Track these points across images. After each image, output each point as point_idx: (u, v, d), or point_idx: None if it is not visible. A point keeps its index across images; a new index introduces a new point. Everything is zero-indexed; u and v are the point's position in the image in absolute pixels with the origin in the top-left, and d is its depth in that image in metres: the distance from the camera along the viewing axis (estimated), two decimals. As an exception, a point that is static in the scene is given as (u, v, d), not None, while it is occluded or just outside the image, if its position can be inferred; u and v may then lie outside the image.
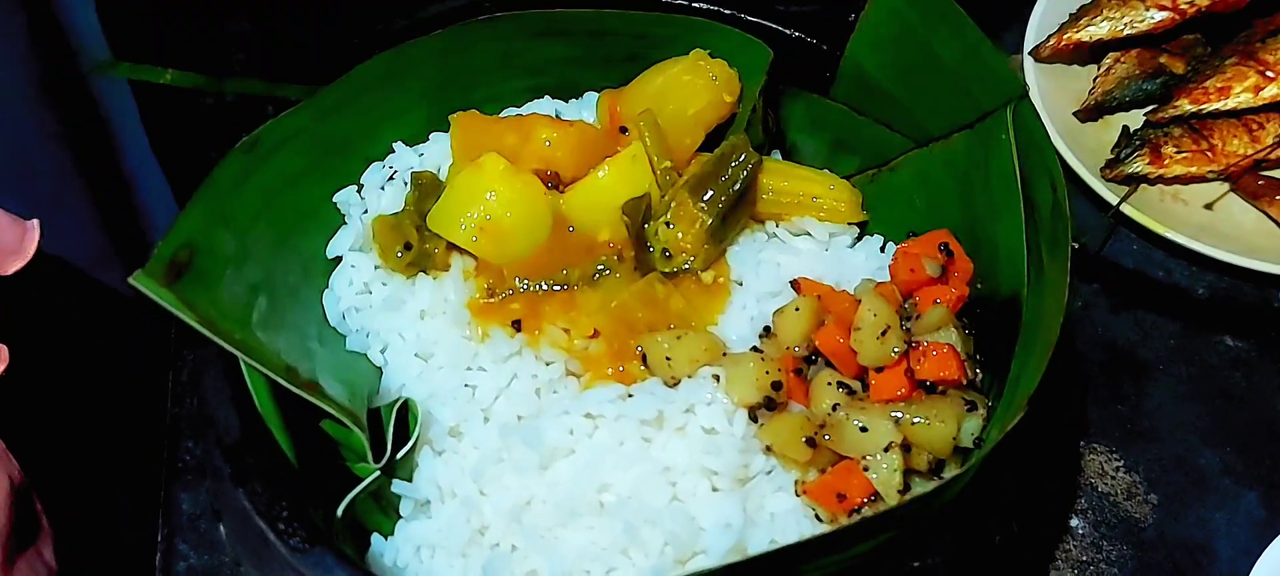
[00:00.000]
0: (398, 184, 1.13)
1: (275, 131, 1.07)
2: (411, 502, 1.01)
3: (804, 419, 0.99)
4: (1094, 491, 1.15)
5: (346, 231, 1.12)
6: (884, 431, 0.96)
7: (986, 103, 1.03)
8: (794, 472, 0.99)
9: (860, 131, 1.15)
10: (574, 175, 1.10)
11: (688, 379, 1.02)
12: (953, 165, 1.08)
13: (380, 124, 1.15)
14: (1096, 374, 1.22)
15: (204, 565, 1.13)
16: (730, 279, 1.10)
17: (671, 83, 1.13)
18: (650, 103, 1.12)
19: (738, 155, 1.09)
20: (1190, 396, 1.21)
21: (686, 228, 1.08)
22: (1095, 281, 1.28)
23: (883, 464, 0.95)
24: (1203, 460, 1.17)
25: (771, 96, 1.17)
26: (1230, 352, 1.23)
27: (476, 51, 1.15)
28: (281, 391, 0.98)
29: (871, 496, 0.96)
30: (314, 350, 1.05)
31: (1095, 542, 1.13)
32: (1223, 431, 1.18)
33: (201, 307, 0.96)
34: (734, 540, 0.95)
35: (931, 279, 1.04)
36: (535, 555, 0.97)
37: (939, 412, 0.97)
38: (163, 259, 0.96)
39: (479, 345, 1.05)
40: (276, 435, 0.97)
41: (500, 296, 1.07)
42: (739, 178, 1.09)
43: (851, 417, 0.97)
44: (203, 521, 1.14)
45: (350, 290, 1.10)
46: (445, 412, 1.03)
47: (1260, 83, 1.30)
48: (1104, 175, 1.31)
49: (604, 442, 0.99)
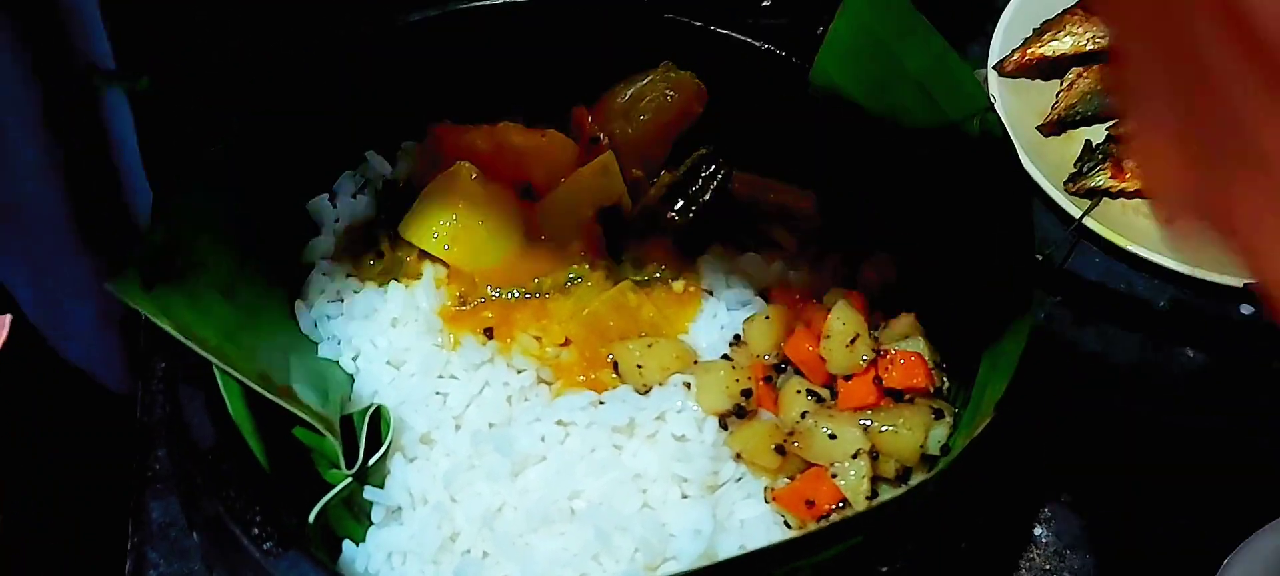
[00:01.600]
0: (370, 192, 1.14)
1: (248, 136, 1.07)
2: (383, 509, 1.01)
3: (773, 426, 1.01)
4: (1056, 500, 1.17)
5: (319, 239, 1.13)
6: (852, 439, 0.97)
7: (953, 114, 1.04)
8: (764, 479, 1.01)
9: (829, 143, 1.17)
10: (546, 184, 1.11)
11: (659, 386, 1.03)
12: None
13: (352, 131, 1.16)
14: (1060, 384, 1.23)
15: (175, 573, 1.13)
16: (701, 288, 1.11)
17: (641, 94, 1.14)
18: (621, 113, 1.13)
19: (708, 165, 1.11)
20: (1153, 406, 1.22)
21: (657, 237, 1.09)
22: (1058, 294, 1.29)
23: (851, 470, 0.97)
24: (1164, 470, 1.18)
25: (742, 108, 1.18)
26: (1192, 363, 1.25)
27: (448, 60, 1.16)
28: (253, 398, 0.98)
29: (840, 503, 0.97)
30: (287, 357, 1.05)
31: (1058, 551, 1.14)
32: (1184, 442, 1.20)
33: (177, 314, 0.96)
34: (704, 546, 0.96)
35: (899, 289, 1.06)
36: (507, 561, 0.97)
37: (907, 420, 0.98)
38: (139, 265, 0.96)
39: (450, 353, 1.06)
40: (249, 441, 0.97)
41: (472, 304, 1.08)
42: (709, 188, 1.10)
43: (820, 425, 0.98)
44: (173, 530, 1.14)
45: (322, 298, 1.10)
46: (417, 420, 1.03)
47: (1220, 98, 1.32)
48: (1067, 189, 1.33)
49: (575, 449, 1.00)
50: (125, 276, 0.94)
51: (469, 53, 1.17)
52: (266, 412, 0.99)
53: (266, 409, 0.99)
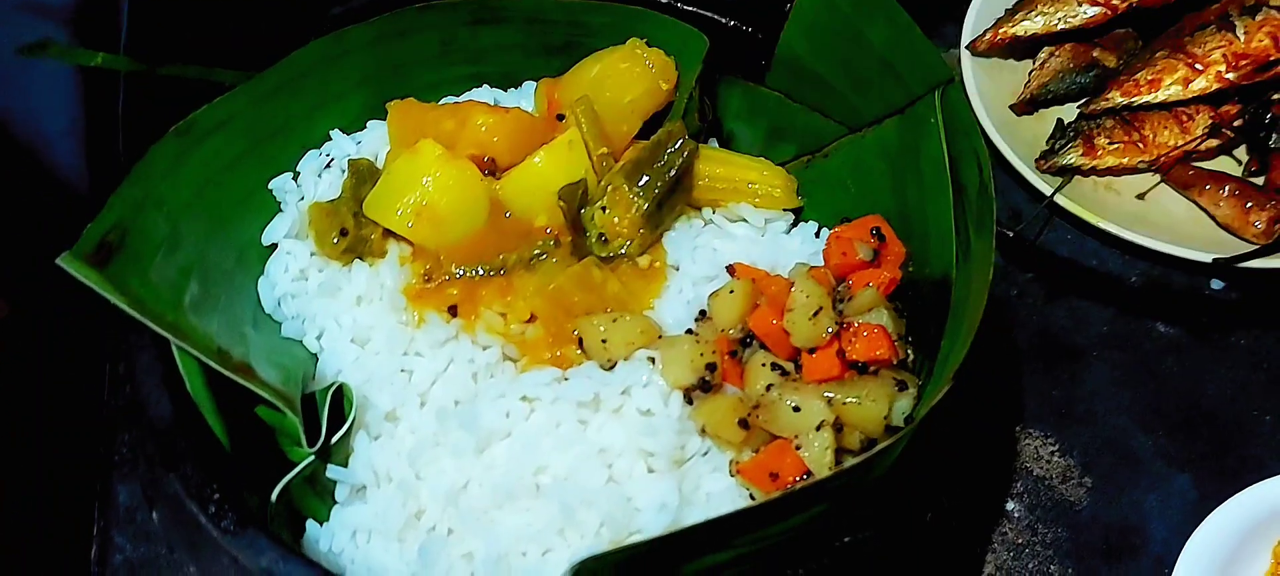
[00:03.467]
0: (335, 170, 1.14)
1: (210, 116, 1.07)
2: (347, 488, 1.01)
3: (737, 400, 1.00)
4: (1029, 475, 1.17)
5: (283, 218, 1.12)
6: (816, 411, 0.97)
7: (916, 87, 1.04)
8: (729, 453, 1.00)
9: (795, 118, 1.16)
10: (510, 161, 1.11)
11: (624, 362, 1.03)
12: (885, 150, 1.09)
13: (317, 110, 1.16)
14: (1031, 360, 1.24)
15: (140, 556, 1.12)
16: (667, 263, 1.10)
17: (608, 70, 1.14)
18: (587, 90, 1.13)
19: (674, 142, 1.10)
20: (1123, 381, 1.22)
21: (622, 213, 1.08)
22: (1030, 270, 1.29)
23: (815, 442, 0.96)
24: (1135, 443, 1.18)
25: (708, 84, 1.18)
26: (1162, 338, 1.25)
27: (413, 38, 1.16)
28: (215, 377, 0.98)
29: (804, 475, 0.96)
30: (248, 335, 1.05)
31: (1031, 525, 1.14)
32: (1155, 415, 1.20)
33: (131, 290, 0.96)
34: (670, 520, 0.96)
35: (864, 262, 1.05)
36: (471, 537, 0.97)
37: (870, 392, 0.98)
38: (91, 240, 0.95)
39: (415, 330, 1.06)
40: (209, 419, 0.96)
41: (436, 282, 1.07)
42: (675, 164, 1.10)
43: (784, 398, 0.98)
44: (139, 513, 1.13)
45: (286, 276, 1.10)
46: (381, 397, 1.03)
47: (1189, 75, 1.33)
48: (1039, 166, 1.32)
49: (540, 425, 1.00)
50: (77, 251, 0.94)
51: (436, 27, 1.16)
52: (230, 392, 0.99)
53: (230, 388, 0.98)
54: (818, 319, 1.00)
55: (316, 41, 1.12)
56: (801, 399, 0.97)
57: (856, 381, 0.99)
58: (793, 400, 0.97)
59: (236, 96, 1.09)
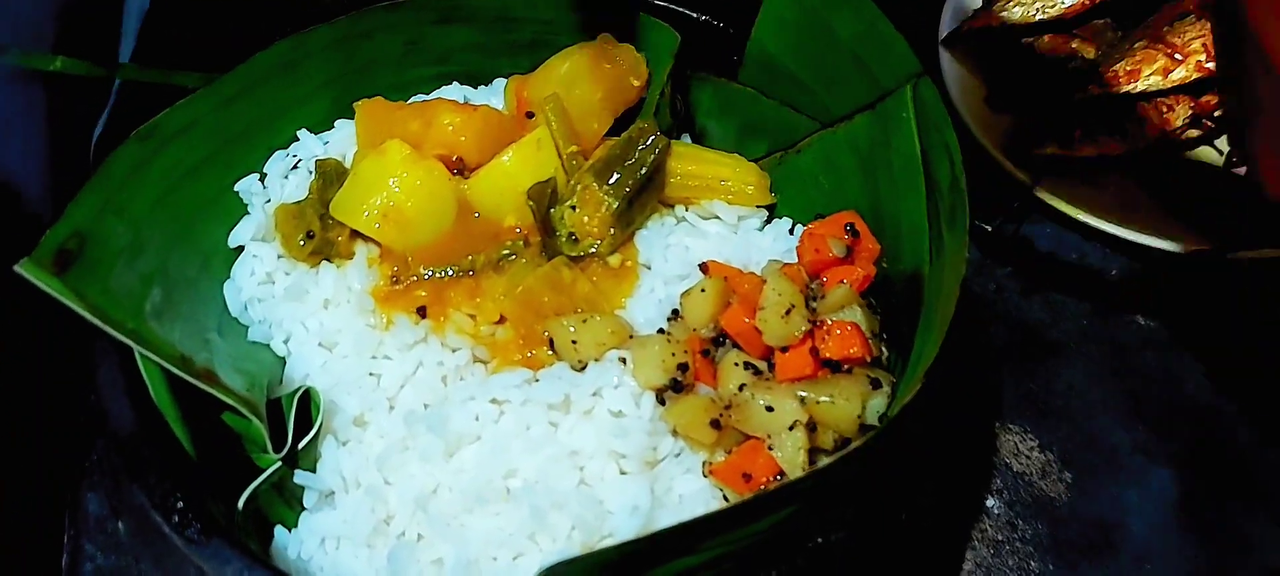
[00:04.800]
0: (302, 172, 1.12)
1: (173, 120, 1.06)
2: (315, 493, 1.00)
3: (709, 401, 0.99)
4: (1009, 470, 1.16)
5: (248, 221, 1.11)
6: (789, 410, 0.96)
7: (886, 81, 1.03)
8: (702, 454, 0.99)
9: (767, 114, 1.15)
10: (479, 161, 1.09)
11: (595, 362, 1.01)
12: (856, 146, 1.08)
13: (283, 112, 1.14)
14: (1009, 355, 1.23)
15: (110, 566, 1.11)
16: (638, 262, 1.09)
17: (578, 67, 1.13)
18: (557, 87, 1.11)
19: (645, 139, 1.09)
20: (1103, 376, 1.21)
21: (592, 211, 1.07)
22: (1008, 265, 1.28)
23: (788, 442, 0.95)
24: (1115, 438, 1.17)
25: (679, 80, 1.17)
26: (1142, 332, 1.24)
27: (379, 38, 1.15)
28: (180, 384, 0.97)
29: (777, 475, 0.95)
30: (212, 341, 1.03)
31: (1010, 521, 1.13)
32: (1135, 410, 1.19)
33: (91, 297, 0.94)
34: (642, 522, 0.94)
35: (837, 259, 1.04)
36: (441, 543, 0.96)
37: (843, 391, 0.97)
38: (50, 247, 0.94)
39: (383, 333, 1.04)
40: (174, 427, 0.95)
41: (405, 283, 1.06)
42: (646, 161, 1.08)
43: (757, 397, 0.97)
44: (110, 522, 1.12)
45: (252, 280, 1.08)
46: (350, 402, 1.02)
47: (1169, 65, 1.31)
48: (1017, 159, 1.31)
49: (510, 428, 0.99)
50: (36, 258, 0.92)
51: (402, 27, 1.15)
52: (195, 399, 0.97)
53: (195, 395, 0.97)
54: (790, 317, 0.99)
55: (280, 43, 1.10)
56: (774, 398, 0.96)
57: (830, 380, 0.98)
58: (765, 400, 0.96)
59: (200, 100, 1.07)
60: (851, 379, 0.98)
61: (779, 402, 0.96)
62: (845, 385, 0.97)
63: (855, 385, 0.97)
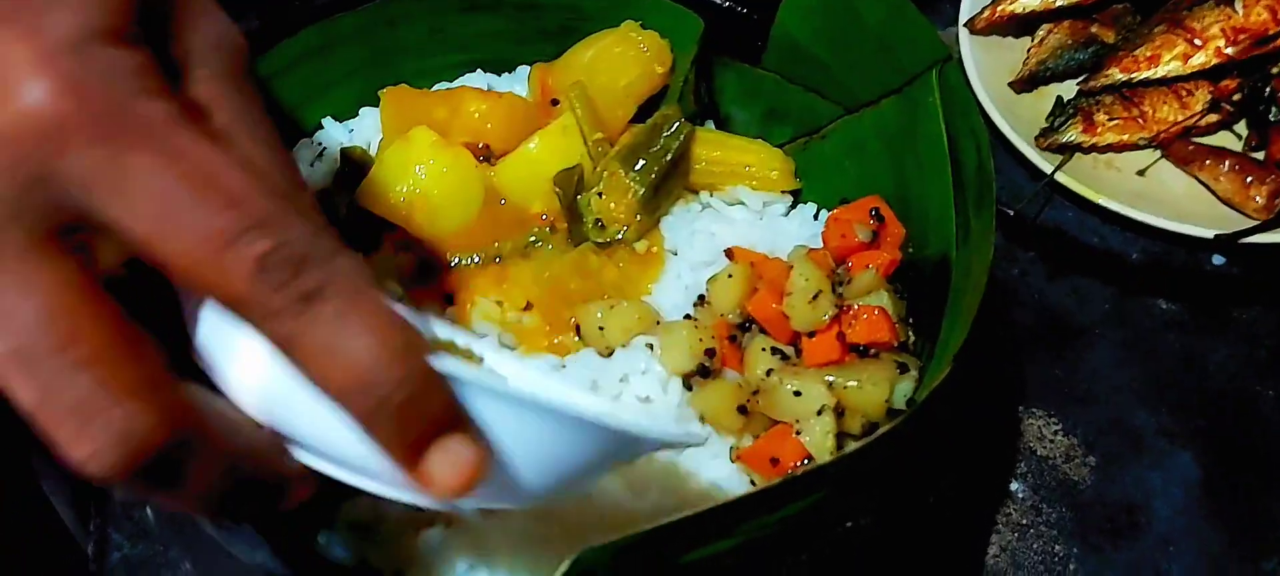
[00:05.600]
0: (327, 160, 1.12)
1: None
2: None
3: (736, 386, 0.99)
4: (1033, 455, 1.16)
5: (274, 209, 1.11)
6: (816, 395, 0.96)
7: (912, 66, 1.03)
8: (729, 439, 0.99)
9: (792, 100, 1.15)
10: (505, 148, 1.10)
11: (622, 348, 1.02)
12: (882, 130, 1.08)
13: (308, 100, 1.14)
14: (1033, 340, 1.23)
15: (138, 555, 1.11)
16: (664, 249, 1.09)
17: (603, 54, 1.13)
18: (582, 75, 1.12)
19: (670, 125, 1.09)
20: (1125, 359, 1.21)
21: (619, 198, 1.07)
22: (1031, 249, 1.28)
23: (815, 427, 0.95)
24: (1139, 421, 1.17)
25: (703, 67, 1.17)
26: (1164, 315, 1.24)
27: (403, 26, 1.15)
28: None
29: (805, 460, 0.95)
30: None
31: (1035, 505, 1.13)
32: (1158, 393, 1.19)
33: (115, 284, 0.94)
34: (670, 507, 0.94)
35: (863, 244, 1.04)
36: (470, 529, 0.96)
37: (871, 375, 0.97)
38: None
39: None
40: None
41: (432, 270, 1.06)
42: (671, 148, 1.09)
43: (784, 382, 0.97)
44: (137, 510, 1.13)
45: (279, 268, 1.08)
46: (377, 389, 1.01)
47: (1188, 50, 1.32)
48: (1038, 144, 1.31)
49: (538, 414, 0.99)
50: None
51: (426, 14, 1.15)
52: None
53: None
54: (817, 302, 0.99)
55: (307, 30, 1.10)
56: (802, 383, 0.96)
57: (857, 365, 0.98)
58: (793, 385, 0.97)
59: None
60: (879, 363, 0.98)
61: (806, 387, 0.96)
62: (872, 370, 0.97)
63: (882, 370, 0.97)
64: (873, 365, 0.98)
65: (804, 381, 0.97)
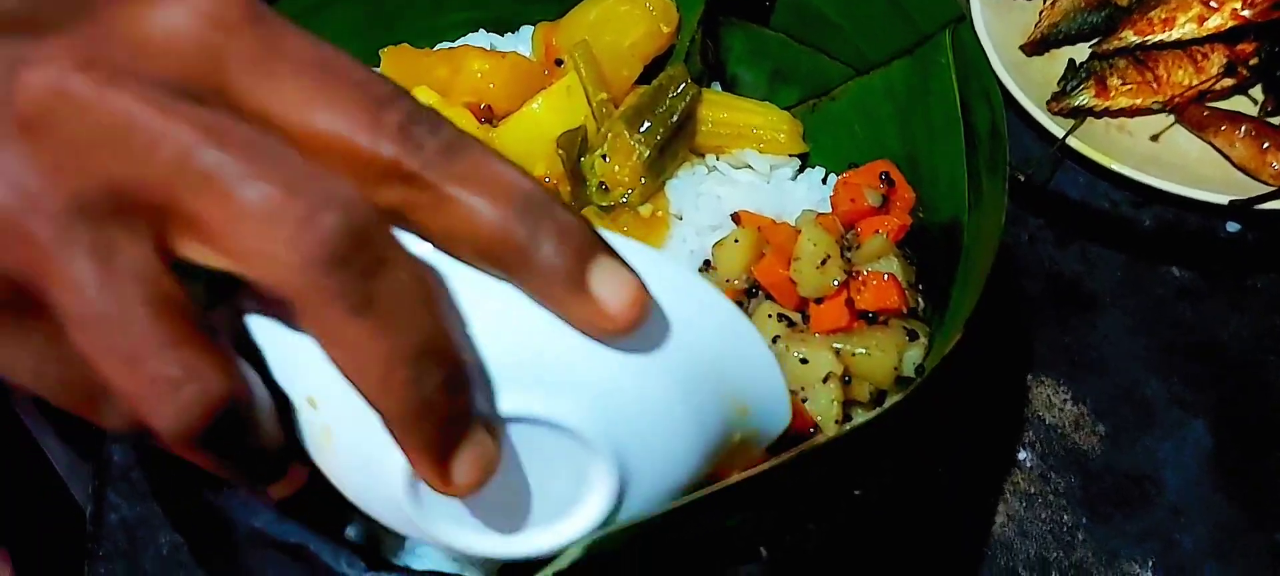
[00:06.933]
0: (326, 121, 1.10)
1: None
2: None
3: (742, 352, 0.97)
4: (1041, 423, 1.15)
5: (275, 170, 1.09)
6: (823, 362, 0.94)
7: (925, 26, 1.00)
8: (735, 406, 0.98)
9: (800, 61, 1.13)
10: (507, 108, 1.07)
11: (625, 314, 1.00)
12: (892, 92, 1.06)
13: (308, 60, 1.12)
14: (1043, 306, 1.21)
15: (135, 516, 1.11)
16: (669, 212, 1.07)
17: (608, 13, 1.10)
18: (586, 34, 1.09)
19: (676, 86, 1.07)
20: (1137, 327, 1.20)
21: (623, 160, 1.05)
22: (1041, 215, 1.27)
23: (821, 395, 0.94)
24: (1150, 390, 1.16)
25: (710, 27, 1.14)
26: (1176, 283, 1.22)
27: (404, -16, 1.12)
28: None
29: (811, 429, 0.94)
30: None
31: (1043, 474, 1.12)
32: (1169, 361, 1.18)
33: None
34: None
35: (872, 209, 1.02)
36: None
37: (879, 342, 0.95)
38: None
39: (413, 283, 1.03)
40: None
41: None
42: (677, 109, 1.06)
43: (791, 349, 0.95)
44: (134, 471, 1.12)
45: (279, 230, 1.07)
46: (379, 353, 1.00)
47: (1204, 13, 1.29)
48: (1050, 108, 1.30)
49: (542, 380, 0.97)
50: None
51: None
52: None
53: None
54: (825, 267, 0.97)
55: (303, -10, 1.08)
56: (809, 350, 0.95)
57: (866, 331, 0.97)
58: (800, 352, 0.95)
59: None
60: (888, 330, 0.97)
61: (814, 354, 0.95)
62: (881, 337, 0.96)
63: (891, 336, 0.96)
64: (881, 332, 0.96)
65: (811, 348, 0.95)
